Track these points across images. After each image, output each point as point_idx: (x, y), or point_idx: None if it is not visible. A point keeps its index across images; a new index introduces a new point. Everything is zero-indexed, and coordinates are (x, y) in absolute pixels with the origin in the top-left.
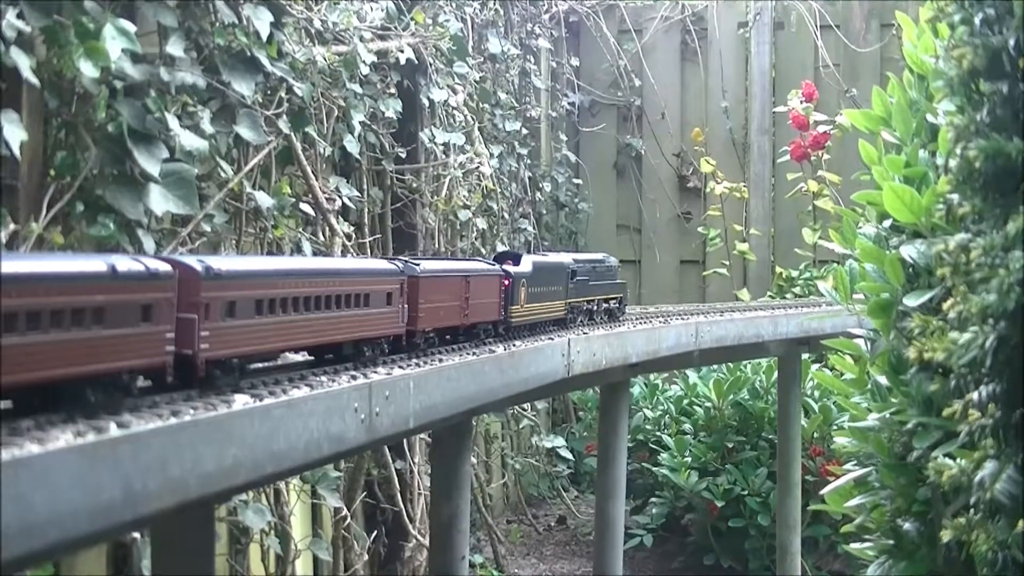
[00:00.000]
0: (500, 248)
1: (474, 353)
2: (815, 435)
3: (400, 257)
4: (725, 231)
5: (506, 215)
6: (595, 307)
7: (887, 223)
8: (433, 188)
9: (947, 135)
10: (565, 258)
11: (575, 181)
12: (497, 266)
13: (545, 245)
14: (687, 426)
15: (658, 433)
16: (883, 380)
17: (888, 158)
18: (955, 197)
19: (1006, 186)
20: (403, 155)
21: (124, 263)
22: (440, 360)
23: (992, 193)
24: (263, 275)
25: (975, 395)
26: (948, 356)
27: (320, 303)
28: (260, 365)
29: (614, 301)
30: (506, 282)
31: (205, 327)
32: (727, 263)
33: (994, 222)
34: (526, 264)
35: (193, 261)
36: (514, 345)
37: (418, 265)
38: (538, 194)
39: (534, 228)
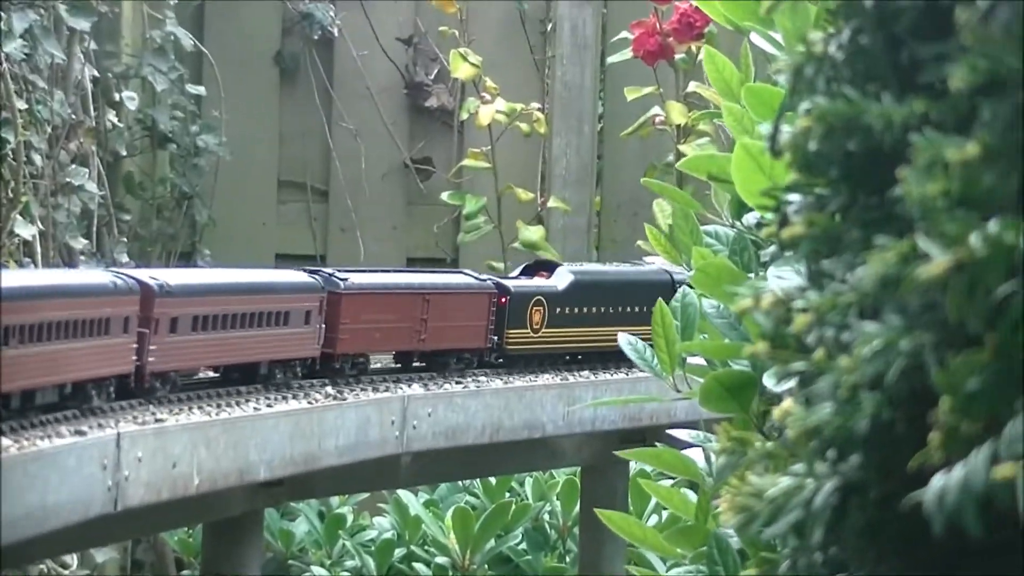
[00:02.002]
0: (21, 227)
1: None
2: None
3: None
4: (499, 201)
5: (38, 159)
6: None
7: (752, 217)
8: None
9: (782, 79)
10: (660, 267)
11: (194, 91)
12: (488, 280)
13: (123, 223)
14: None
15: None
16: (733, 536)
17: (751, 87)
18: (795, 200)
19: (868, 187)
20: None
21: None
22: None
23: (846, 198)
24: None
25: None
26: (746, 521)
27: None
28: None
29: None
30: (502, 300)
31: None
32: (500, 266)
33: (850, 256)
34: (559, 277)
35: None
36: None
37: (344, 279)
38: (113, 116)
39: (102, 187)
